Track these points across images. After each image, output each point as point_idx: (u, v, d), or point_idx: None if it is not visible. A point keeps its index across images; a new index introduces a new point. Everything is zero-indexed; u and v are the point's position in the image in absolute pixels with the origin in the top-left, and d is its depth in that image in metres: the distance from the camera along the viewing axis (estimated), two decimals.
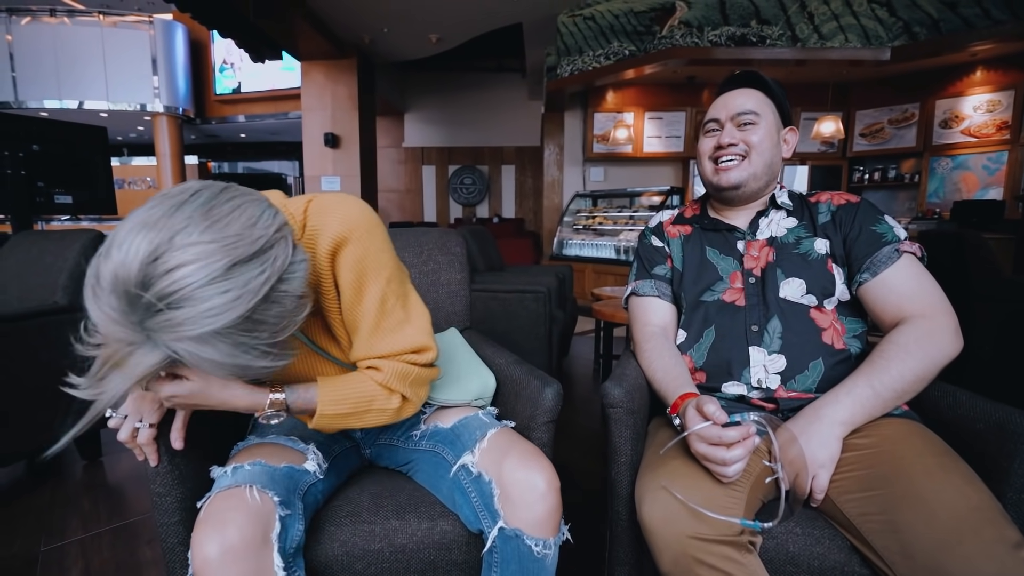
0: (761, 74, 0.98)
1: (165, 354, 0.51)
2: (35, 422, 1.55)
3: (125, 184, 10.34)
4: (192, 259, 0.48)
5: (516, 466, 0.75)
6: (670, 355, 0.93)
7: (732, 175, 0.95)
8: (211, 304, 0.49)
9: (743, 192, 0.97)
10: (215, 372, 0.54)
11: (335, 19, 5.42)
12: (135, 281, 0.48)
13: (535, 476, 0.74)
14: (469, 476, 0.78)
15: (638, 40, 4.74)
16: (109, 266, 0.49)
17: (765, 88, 0.97)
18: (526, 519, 0.73)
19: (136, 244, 0.48)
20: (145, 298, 0.48)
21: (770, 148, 0.95)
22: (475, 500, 0.77)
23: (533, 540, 0.72)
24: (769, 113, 0.96)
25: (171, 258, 0.48)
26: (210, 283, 0.49)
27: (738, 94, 0.97)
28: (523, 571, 0.73)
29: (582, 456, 1.87)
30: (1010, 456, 0.70)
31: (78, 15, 8.25)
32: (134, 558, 1.29)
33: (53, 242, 1.74)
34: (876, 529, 0.67)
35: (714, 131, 0.99)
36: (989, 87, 4.53)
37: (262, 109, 9.40)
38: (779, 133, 0.98)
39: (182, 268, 0.48)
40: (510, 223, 8.26)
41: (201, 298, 0.49)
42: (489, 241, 3.30)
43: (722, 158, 0.96)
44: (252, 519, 0.64)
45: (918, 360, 0.76)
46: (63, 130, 2.62)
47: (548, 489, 0.74)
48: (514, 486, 0.74)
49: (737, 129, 0.95)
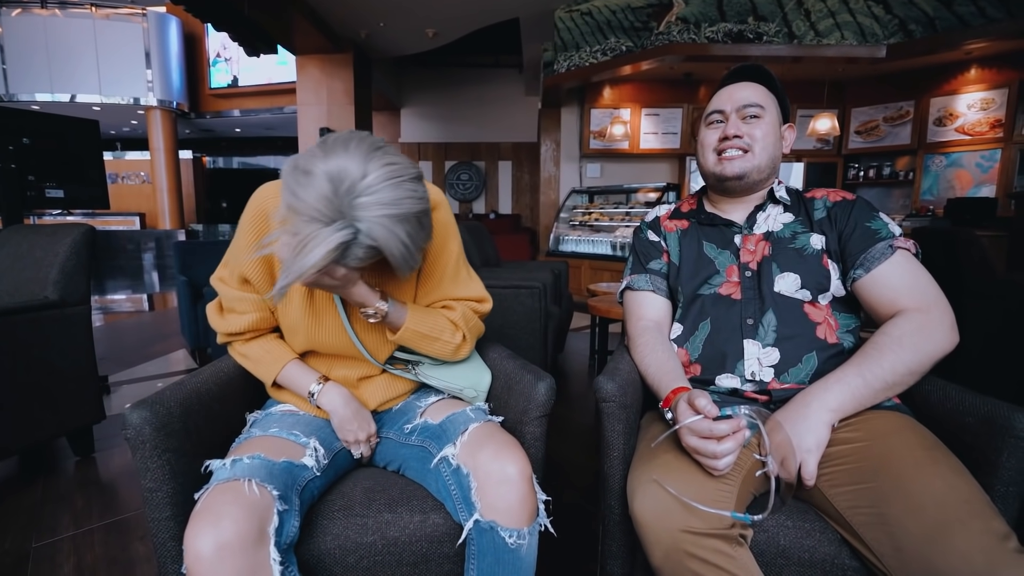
0: (766, 68, 0.98)
1: (353, 232, 0.64)
2: (26, 417, 1.54)
3: (118, 179, 10.27)
4: (390, 165, 0.66)
5: (490, 457, 0.76)
6: (663, 350, 0.93)
7: (736, 164, 0.95)
8: (401, 195, 0.66)
9: (745, 183, 0.97)
10: (392, 248, 0.67)
11: (331, 13, 5.38)
12: (353, 174, 0.63)
13: (507, 465, 0.75)
14: (449, 468, 0.79)
15: (635, 36, 4.73)
16: (326, 165, 0.63)
17: (769, 82, 0.98)
18: (499, 508, 0.73)
19: (350, 154, 0.64)
20: (358, 186, 0.63)
21: (774, 143, 0.96)
22: (455, 493, 0.77)
23: (507, 531, 0.73)
24: (772, 107, 0.96)
25: (377, 164, 0.65)
26: (401, 184, 0.66)
27: (743, 87, 0.97)
28: (499, 563, 0.73)
29: (576, 451, 1.87)
30: (998, 449, 0.71)
31: (70, 7, 8.16)
32: (126, 554, 1.28)
33: (44, 237, 1.72)
34: (866, 522, 0.67)
35: (718, 123, 0.98)
36: (983, 85, 4.55)
37: (257, 103, 9.33)
38: (780, 128, 0.98)
39: (386, 168, 0.65)
40: (507, 219, 8.26)
41: (397, 191, 0.66)
42: (485, 237, 3.30)
43: (726, 150, 0.96)
44: (249, 513, 0.64)
45: (910, 353, 0.76)
46: (55, 123, 2.59)
47: (519, 478, 0.74)
48: (487, 477, 0.74)
49: (742, 122, 0.95)
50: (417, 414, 0.91)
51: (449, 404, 0.92)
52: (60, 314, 1.64)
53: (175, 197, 9.26)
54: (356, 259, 0.67)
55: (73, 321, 1.68)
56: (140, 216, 9.83)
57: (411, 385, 0.99)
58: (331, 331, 0.88)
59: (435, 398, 0.95)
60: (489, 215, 8.58)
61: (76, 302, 1.69)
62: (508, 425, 0.90)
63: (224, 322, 0.89)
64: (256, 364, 0.90)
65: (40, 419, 1.59)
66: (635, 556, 0.86)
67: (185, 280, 2.96)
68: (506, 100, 8.45)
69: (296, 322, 0.87)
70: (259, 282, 0.85)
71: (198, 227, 9.16)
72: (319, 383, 0.89)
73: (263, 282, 0.85)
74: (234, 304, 0.87)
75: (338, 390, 0.89)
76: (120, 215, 9.70)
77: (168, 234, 8.96)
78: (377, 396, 0.94)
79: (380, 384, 0.95)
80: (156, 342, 3.59)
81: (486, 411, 0.92)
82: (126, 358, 3.14)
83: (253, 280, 0.84)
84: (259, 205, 0.82)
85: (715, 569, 0.67)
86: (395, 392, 0.97)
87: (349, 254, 0.66)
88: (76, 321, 1.69)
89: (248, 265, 0.83)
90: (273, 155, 12.33)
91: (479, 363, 1.01)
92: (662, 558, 0.70)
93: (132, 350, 3.35)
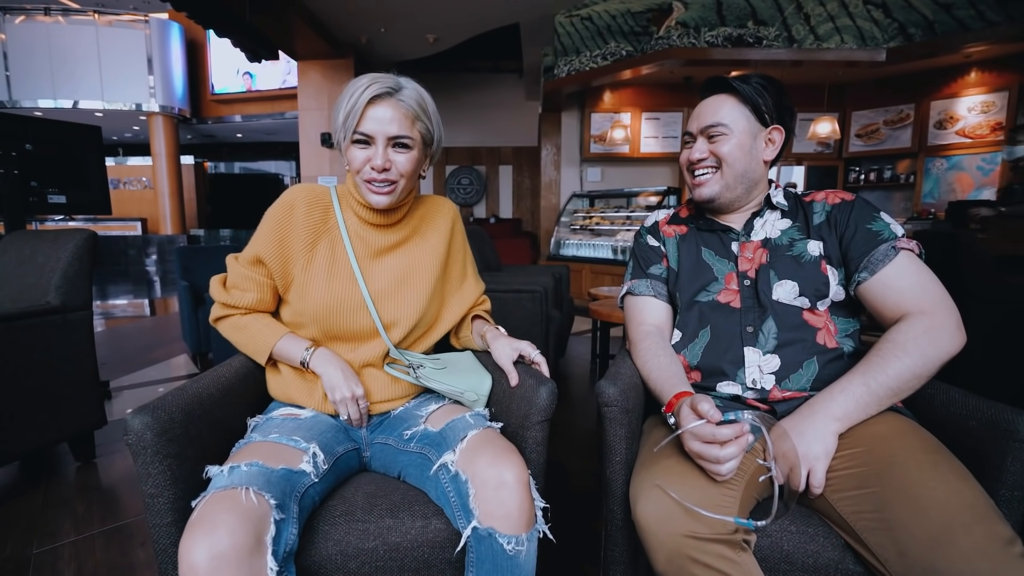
0: (728, 79, 0.95)
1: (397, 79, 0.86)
2: (28, 422, 1.54)
3: (121, 184, 10.30)
4: None
5: (487, 463, 0.75)
6: (665, 354, 0.93)
7: (704, 190, 0.97)
8: None
9: (719, 203, 0.98)
10: (427, 105, 0.89)
11: (332, 19, 5.41)
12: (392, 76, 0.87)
13: (504, 471, 0.74)
14: (448, 475, 0.78)
15: (635, 41, 4.75)
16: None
17: (737, 92, 0.94)
18: (497, 515, 0.72)
19: None
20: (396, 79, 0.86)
21: (742, 157, 0.94)
22: (453, 500, 0.77)
23: (505, 538, 0.72)
24: (740, 119, 0.93)
25: None
26: None
27: (709, 103, 0.96)
28: (498, 569, 0.73)
29: (578, 456, 1.87)
30: (1003, 453, 0.70)
31: (73, 14, 8.23)
32: (127, 560, 1.28)
33: (46, 242, 1.73)
34: (870, 527, 0.67)
35: (689, 143, 1.00)
36: (983, 88, 4.56)
37: (258, 109, 9.38)
38: (757, 136, 0.95)
39: None
40: (507, 223, 8.26)
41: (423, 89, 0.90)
42: (486, 241, 3.30)
43: (696, 171, 0.98)
44: (245, 522, 0.63)
45: (915, 358, 0.76)
46: (57, 129, 2.60)
47: (516, 484, 0.74)
48: (485, 483, 0.74)
49: (708, 141, 0.95)
50: (419, 422, 0.91)
51: (450, 411, 0.92)
52: (62, 319, 1.64)
53: (176, 202, 9.30)
54: (408, 105, 0.85)
55: (75, 326, 1.68)
56: (142, 221, 9.86)
57: (411, 389, 0.99)
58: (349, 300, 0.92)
59: (436, 406, 0.94)
60: (490, 219, 8.58)
61: (78, 307, 1.69)
62: (510, 430, 0.89)
63: (227, 295, 0.94)
64: (253, 336, 0.93)
65: (41, 424, 1.59)
66: (638, 561, 0.85)
67: (186, 285, 2.96)
68: (507, 104, 8.48)
69: (317, 288, 0.91)
70: (272, 262, 0.90)
71: (199, 232, 9.18)
72: (309, 348, 0.92)
73: (276, 263, 0.90)
74: (239, 282, 0.92)
75: (328, 353, 0.92)
76: (122, 220, 9.74)
77: (170, 239, 9.00)
78: (375, 392, 0.95)
79: (381, 381, 0.96)
80: (157, 347, 3.59)
81: (486, 417, 0.91)
82: (127, 363, 3.14)
83: (267, 260, 0.90)
84: (290, 198, 0.92)
85: (719, 574, 0.67)
86: (394, 393, 0.97)
87: (402, 92, 0.84)
88: (78, 326, 1.69)
89: (266, 243, 0.90)
90: (274, 160, 12.38)
91: (479, 367, 1.01)
92: (665, 563, 0.69)
93: (133, 355, 3.35)
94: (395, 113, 0.84)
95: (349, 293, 0.93)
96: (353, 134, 0.84)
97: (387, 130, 0.84)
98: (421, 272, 0.99)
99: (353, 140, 0.85)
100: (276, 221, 0.91)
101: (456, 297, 1.08)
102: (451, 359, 1.02)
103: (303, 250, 0.92)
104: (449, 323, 1.06)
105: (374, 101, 0.83)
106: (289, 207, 0.91)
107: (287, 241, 0.90)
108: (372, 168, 0.86)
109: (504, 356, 0.95)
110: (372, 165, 0.85)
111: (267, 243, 0.90)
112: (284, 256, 0.91)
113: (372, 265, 0.96)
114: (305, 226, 0.92)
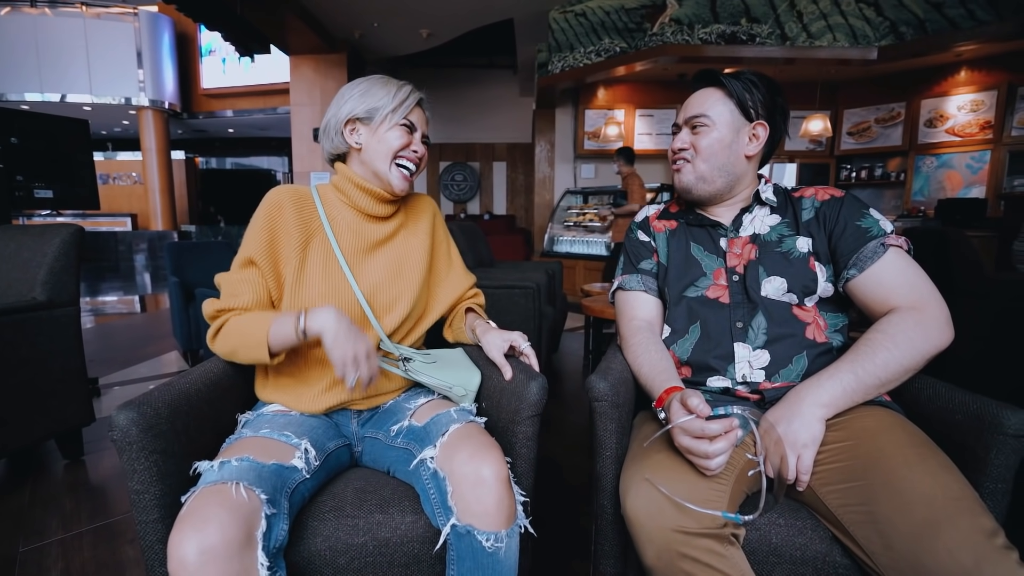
0: (717, 72, 0.96)
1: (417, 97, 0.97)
2: (14, 420, 1.52)
3: (110, 179, 10.18)
4: None
5: (465, 459, 0.75)
6: (656, 349, 0.93)
7: (681, 177, 0.99)
8: None
9: (697, 195, 0.99)
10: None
11: (325, 13, 5.36)
12: None
13: (482, 467, 0.73)
14: (428, 472, 0.78)
15: (629, 37, 4.74)
16: None
17: (725, 87, 0.95)
18: (475, 512, 0.72)
19: None
20: None
21: (721, 150, 0.94)
22: (433, 497, 0.76)
23: (484, 535, 0.72)
24: (725, 113, 0.94)
25: None
26: None
27: (697, 95, 0.98)
28: (478, 567, 0.72)
29: (570, 451, 1.87)
30: (987, 447, 0.71)
31: (60, 6, 8.09)
32: (115, 557, 1.27)
33: (32, 237, 1.70)
34: (857, 520, 0.68)
35: (676, 134, 1.02)
36: (973, 87, 4.60)
37: (250, 104, 9.28)
38: (740, 131, 0.95)
39: None
40: (501, 220, 8.25)
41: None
42: (479, 237, 3.29)
43: (675, 161, 1.00)
44: (236, 517, 0.63)
45: (903, 350, 0.76)
46: (44, 123, 2.57)
47: (495, 480, 0.73)
48: (463, 479, 0.73)
49: (691, 132, 0.97)
50: (406, 416, 0.91)
51: (436, 406, 0.91)
52: (48, 315, 1.62)
53: (167, 198, 9.20)
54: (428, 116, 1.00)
55: (62, 322, 1.66)
56: (132, 217, 9.75)
57: (400, 383, 0.99)
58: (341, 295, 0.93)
59: (424, 400, 0.94)
60: (483, 216, 8.57)
61: (65, 303, 1.67)
62: (500, 425, 0.89)
63: (220, 302, 0.89)
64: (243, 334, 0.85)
65: (28, 421, 1.57)
66: (627, 555, 0.85)
67: (177, 281, 2.94)
68: (501, 101, 8.45)
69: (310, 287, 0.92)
70: (263, 262, 0.89)
71: (190, 228, 9.09)
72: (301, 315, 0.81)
73: (266, 263, 0.89)
74: (234, 287, 0.90)
75: (326, 307, 0.82)
76: (111, 216, 9.62)
77: (161, 235, 8.90)
78: None
79: None
80: (148, 344, 3.56)
81: (472, 412, 0.91)
82: (117, 360, 3.11)
83: (258, 260, 0.89)
84: (276, 198, 0.92)
85: (707, 568, 0.67)
86: (384, 387, 0.96)
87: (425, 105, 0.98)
88: (65, 322, 1.67)
89: (256, 244, 0.89)
90: (267, 155, 12.27)
91: (469, 363, 1.01)
92: (654, 557, 0.69)
93: (123, 352, 3.32)
94: (425, 118, 1.00)
95: (341, 289, 0.92)
96: (404, 119, 0.94)
97: (423, 128, 0.99)
98: (413, 262, 1.02)
99: (402, 124, 0.94)
100: (266, 220, 0.90)
101: (444, 285, 1.10)
102: (442, 355, 1.02)
103: (295, 250, 0.91)
104: (438, 312, 1.07)
105: (419, 104, 0.98)
106: (278, 206, 0.91)
107: (277, 240, 0.90)
108: (413, 150, 0.96)
109: (495, 348, 0.95)
110: (414, 148, 0.96)
111: (258, 243, 0.89)
112: (274, 255, 0.90)
113: (367, 258, 0.97)
114: (295, 225, 0.92)
